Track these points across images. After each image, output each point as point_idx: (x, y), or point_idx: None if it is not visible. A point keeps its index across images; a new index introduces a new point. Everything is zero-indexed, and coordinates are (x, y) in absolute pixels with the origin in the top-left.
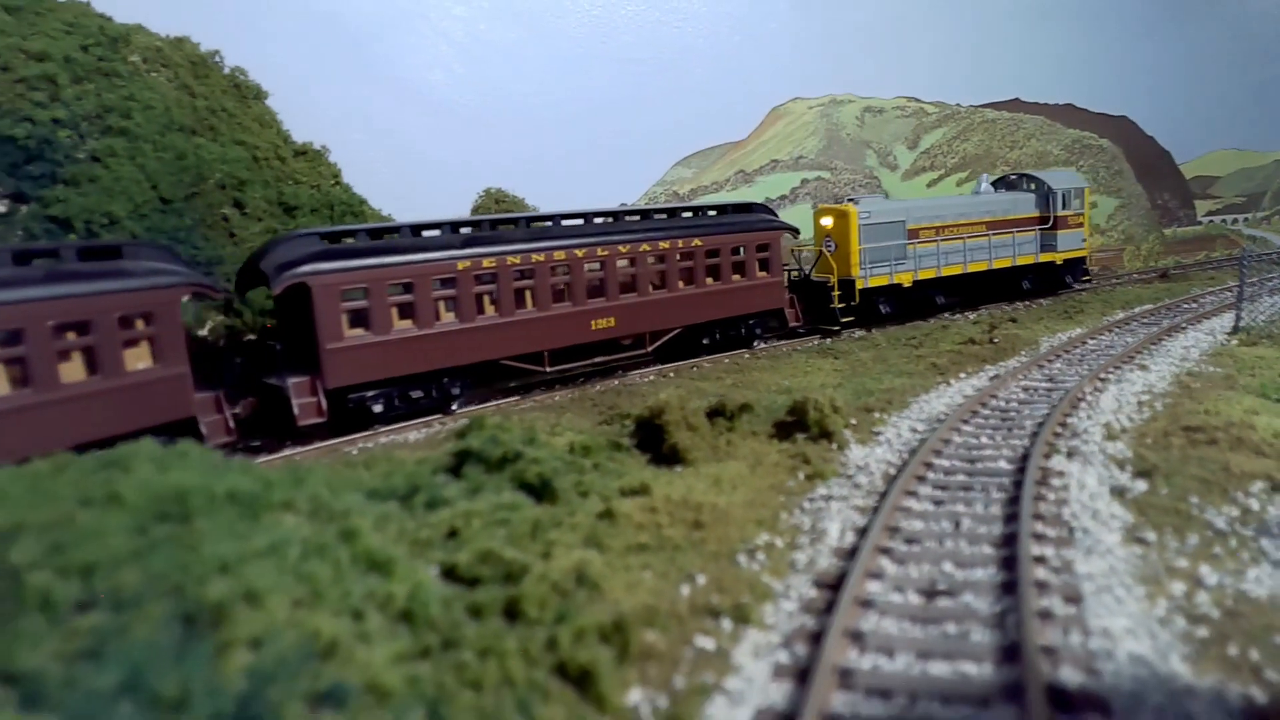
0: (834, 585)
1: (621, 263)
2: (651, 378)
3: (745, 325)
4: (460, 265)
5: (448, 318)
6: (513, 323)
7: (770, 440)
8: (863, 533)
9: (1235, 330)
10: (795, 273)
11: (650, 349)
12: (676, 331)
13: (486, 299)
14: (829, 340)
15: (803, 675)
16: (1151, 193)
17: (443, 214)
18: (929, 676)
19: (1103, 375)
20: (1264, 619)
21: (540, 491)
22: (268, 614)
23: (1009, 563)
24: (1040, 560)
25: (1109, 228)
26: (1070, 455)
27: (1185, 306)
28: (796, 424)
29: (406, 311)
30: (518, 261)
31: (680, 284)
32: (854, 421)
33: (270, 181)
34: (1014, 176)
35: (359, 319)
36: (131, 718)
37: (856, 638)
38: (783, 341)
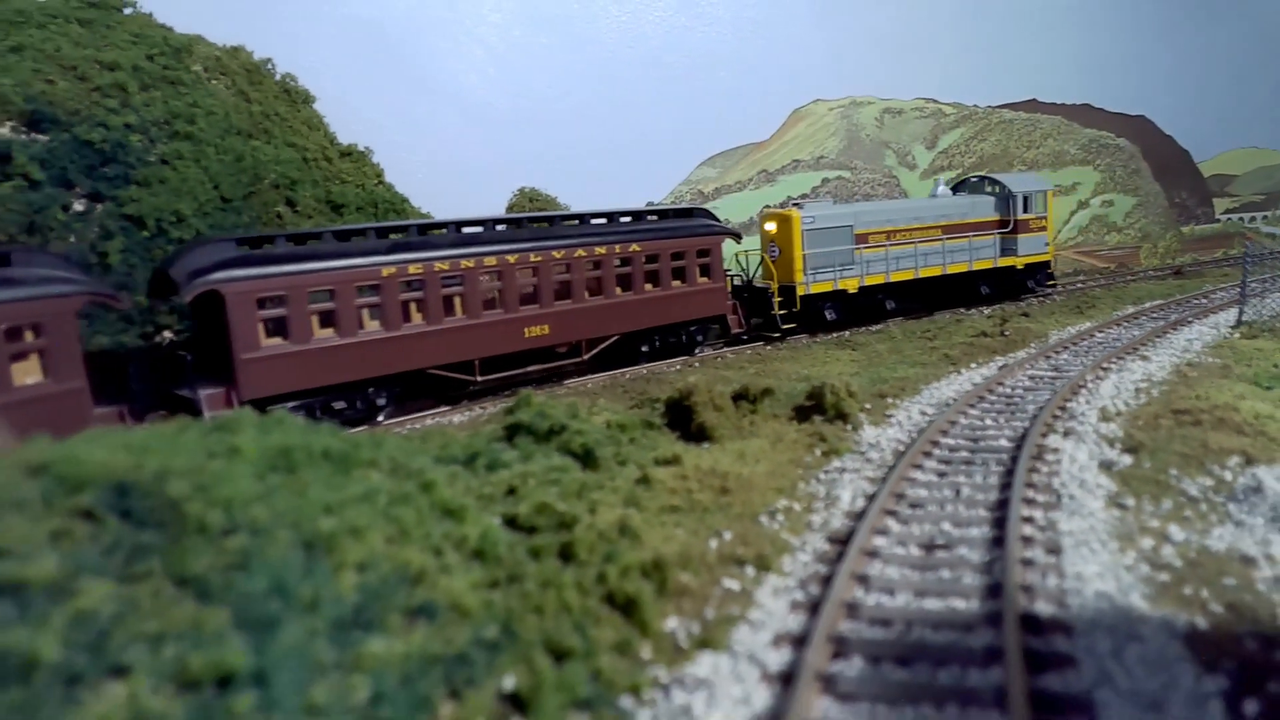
0: (844, 540)
1: (556, 269)
2: (679, 368)
3: (686, 332)
4: (385, 272)
5: (372, 326)
6: (441, 331)
7: (790, 422)
8: (871, 499)
9: (1238, 324)
10: (738, 278)
11: (586, 357)
12: (614, 339)
13: (413, 306)
14: (846, 333)
15: (815, 608)
16: (1169, 191)
17: (479, 212)
18: (923, 609)
19: (1105, 365)
20: (1219, 567)
21: (584, 459)
22: (368, 545)
23: (999, 522)
24: (1028, 520)
25: (1126, 225)
26: (1066, 434)
27: (1195, 302)
28: (814, 407)
29: (328, 320)
30: (446, 268)
31: (618, 290)
32: (868, 406)
33: (319, 181)
34: (974, 179)
35: (277, 328)
36: (280, 612)
37: (862, 580)
38: (728, 348)
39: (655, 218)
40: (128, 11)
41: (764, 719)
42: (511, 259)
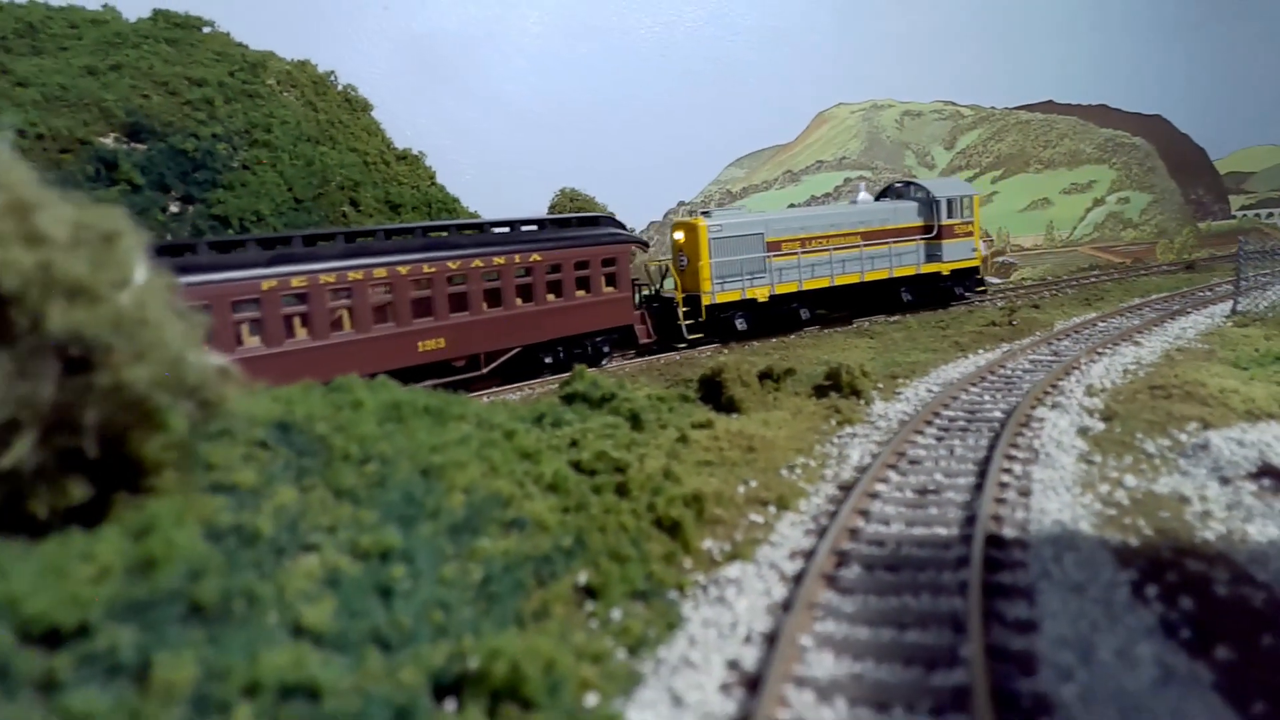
0: (850, 487)
1: (452, 279)
2: (709, 352)
3: (591, 343)
4: (265, 285)
5: (252, 342)
6: (327, 346)
7: (809, 398)
8: (876, 456)
9: (1232, 314)
10: (646, 288)
11: (486, 370)
12: (515, 351)
13: (297, 321)
14: (861, 324)
15: (822, 532)
16: (1185, 188)
17: (523, 211)
18: (911, 534)
19: (1100, 350)
20: (1158, 505)
21: (632, 421)
22: (468, 475)
23: (983, 473)
24: (1008, 471)
25: (1142, 222)
26: (1053, 407)
27: (1199, 295)
28: (832, 385)
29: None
30: (333, 280)
31: (518, 301)
32: (880, 385)
33: (379, 183)
34: (899, 185)
35: None
36: (413, 516)
37: (864, 513)
38: (640, 359)
39: (559, 226)
40: (207, 31)
41: (779, 605)
42: (403, 270)
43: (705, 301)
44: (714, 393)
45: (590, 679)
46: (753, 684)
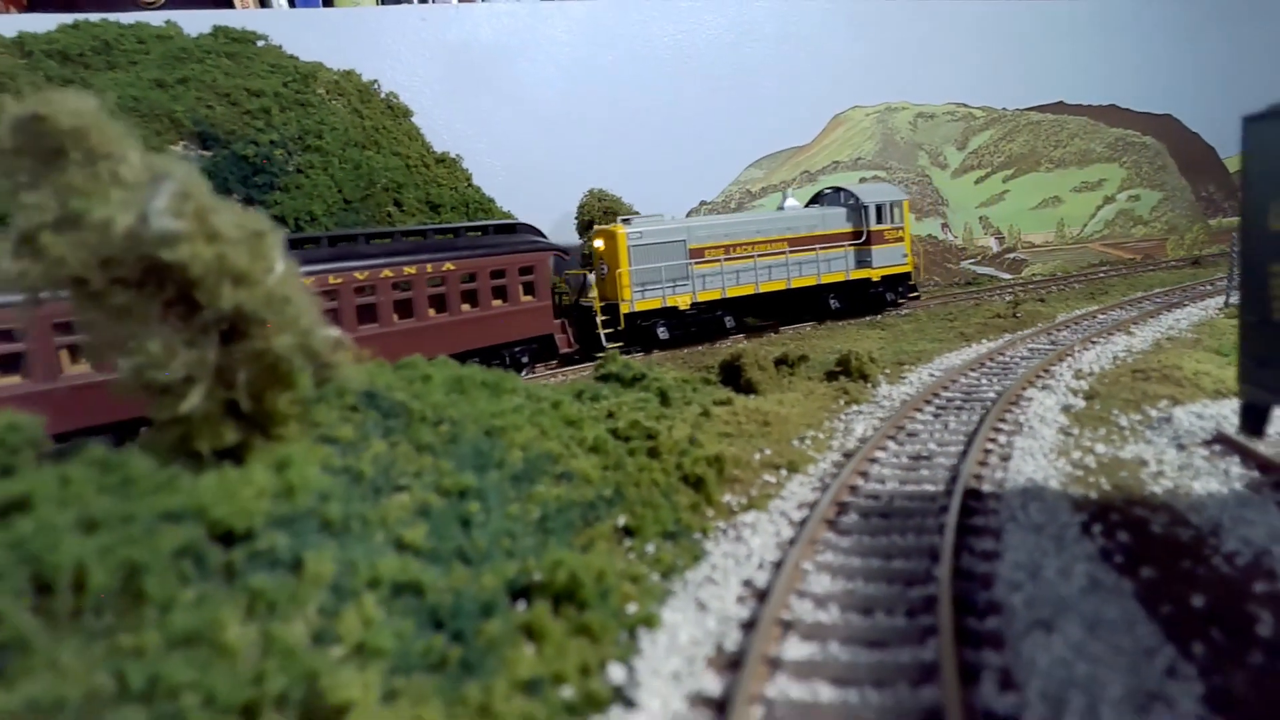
0: (853, 454)
1: (358, 291)
2: (729, 341)
3: (509, 353)
4: None
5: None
6: None
7: (821, 381)
8: (878, 430)
9: (1225, 306)
10: (567, 297)
11: None
12: None
13: None
14: (879, 315)
15: (826, 488)
16: (1196, 185)
17: (552, 212)
18: (903, 490)
19: (1094, 339)
20: (1120, 467)
21: (661, 397)
22: (524, 436)
23: (971, 442)
24: (993, 440)
25: (1152, 219)
26: (1042, 388)
27: (1200, 288)
28: (842, 370)
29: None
30: None
31: (430, 312)
32: (887, 371)
33: (420, 184)
34: (828, 191)
35: (5, 365)
36: (484, 466)
37: (863, 474)
38: (567, 367)
39: (474, 234)
40: (260, 44)
41: (787, 541)
42: (306, 281)
43: (624, 310)
44: (733, 376)
45: (630, 593)
46: (762, 595)
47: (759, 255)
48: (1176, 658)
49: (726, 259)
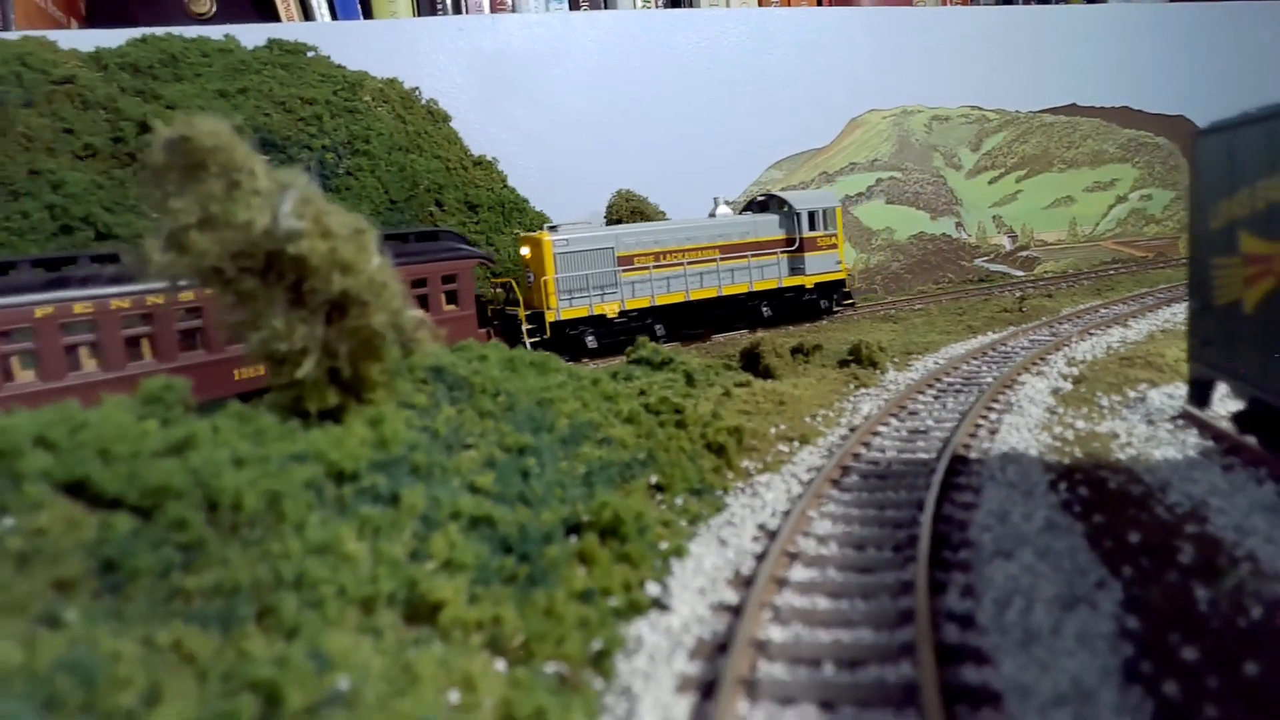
0: (858, 429)
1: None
2: (745, 333)
3: None
4: (39, 313)
5: (25, 376)
6: (123, 378)
7: (833, 368)
8: (882, 409)
9: None
10: (491, 305)
11: None
12: None
13: (85, 351)
14: (887, 310)
15: (832, 455)
16: None
17: (584, 210)
18: (900, 457)
19: (1092, 331)
20: (1094, 438)
21: (687, 379)
22: (569, 407)
23: (964, 418)
24: (984, 417)
25: (1164, 218)
26: (1036, 374)
27: None
28: (854, 359)
29: None
30: (127, 305)
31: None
32: (896, 360)
33: (459, 185)
34: (760, 198)
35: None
36: (538, 429)
37: (865, 444)
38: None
39: (393, 241)
40: (311, 55)
41: (796, 496)
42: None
43: (550, 318)
44: (753, 362)
45: (662, 533)
46: (772, 535)
47: (689, 263)
48: (1106, 576)
49: (656, 266)
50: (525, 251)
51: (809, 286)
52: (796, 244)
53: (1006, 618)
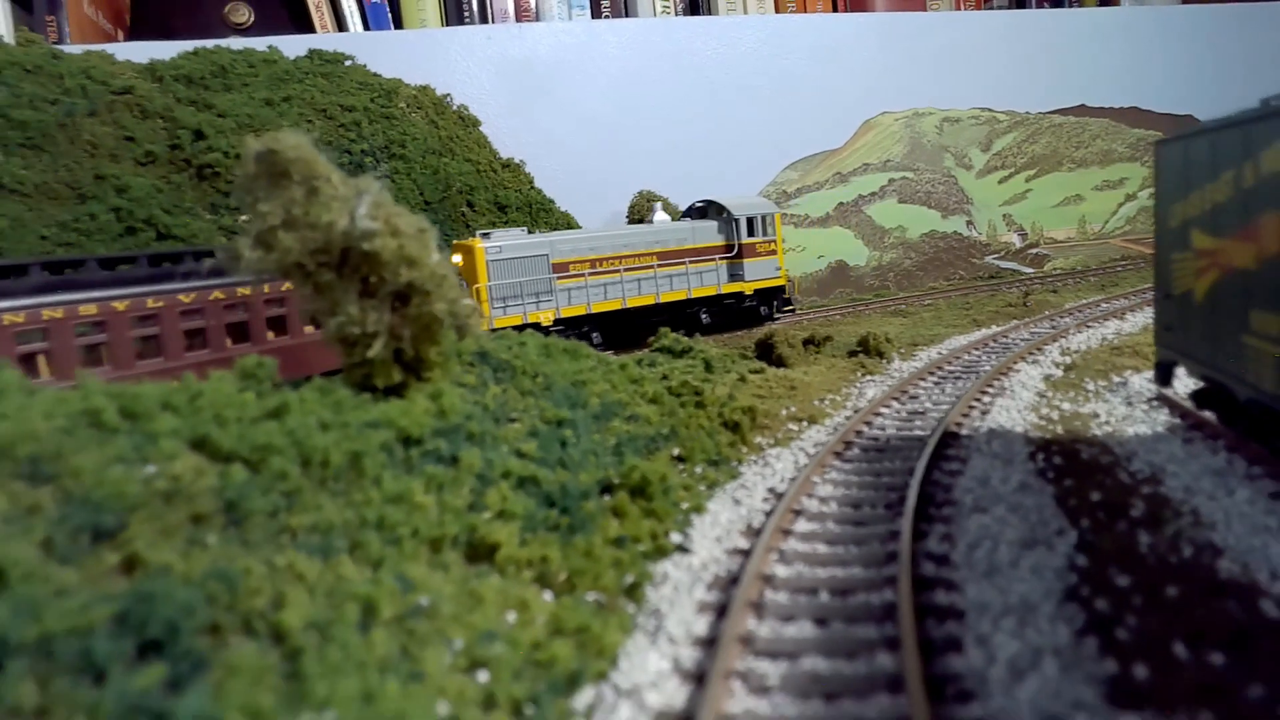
0: (861, 410)
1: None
2: (764, 326)
3: None
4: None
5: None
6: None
7: (843, 358)
8: (885, 394)
9: None
10: None
11: None
12: None
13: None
14: (898, 305)
15: (836, 432)
16: None
17: (607, 210)
18: (898, 434)
19: (1090, 323)
20: (1075, 417)
21: (706, 365)
22: (600, 388)
23: (959, 400)
24: (978, 399)
25: None
26: (1031, 362)
27: None
28: (862, 349)
29: None
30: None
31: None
32: (902, 350)
33: (489, 187)
34: (699, 204)
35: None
36: (574, 406)
37: (868, 423)
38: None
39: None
40: (348, 64)
41: (803, 466)
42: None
43: (483, 326)
44: (767, 352)
45: (683, 495)
46: (780, 496)
47: (626, 270)
48: (1066, 525)
49: (592, 274)
50: (457, 259)
51: (749, 293)
52: (735, 250)
53: (975, 556)
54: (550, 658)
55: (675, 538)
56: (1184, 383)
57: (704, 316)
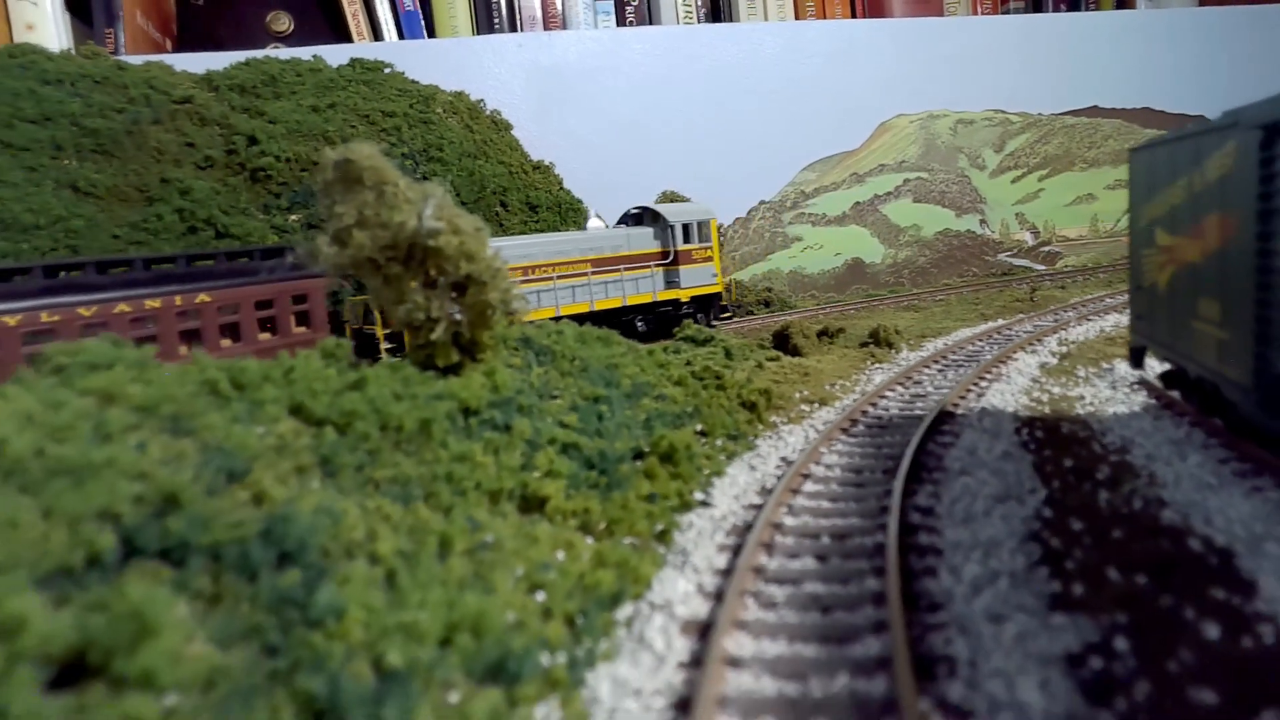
0: (869, 394)
1: (83, 327)
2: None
3: None
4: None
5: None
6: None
7: (854, 348)
8: (892, 379)
9: None
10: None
11: None
12: None
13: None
14: (912, 299)
15: (846, 411)
16: None
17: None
18: (900, 413)
19: (1089, 317)
20: (1063, 399)
21: (726, 353)
22: (631, 370)
23: (958, 384)
24: (976, 384)
25: None
26: (1029, 352)
27: None
28: (873, 341)
29: None
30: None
31: (182, 350)
32: (910, 341)
33: (521, 189)
34: (635, 211)
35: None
36: (608, 384)
37: (873, 404)
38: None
39: (235, 259)
40: (388, 71)
41: (815, 439)
42: (12, 321)
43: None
44: (783, 342)
45: (705, 463)
46: (790, 463)
47: (559, 277)
48: (1038, 485)
49: (524, 281)
50: None
51: (685, 300)
52: (671, 257)
53: (955, 509)
54: (596, 582)
55: (698, 495)
56: (1153, 366)
57: (640, 324)
